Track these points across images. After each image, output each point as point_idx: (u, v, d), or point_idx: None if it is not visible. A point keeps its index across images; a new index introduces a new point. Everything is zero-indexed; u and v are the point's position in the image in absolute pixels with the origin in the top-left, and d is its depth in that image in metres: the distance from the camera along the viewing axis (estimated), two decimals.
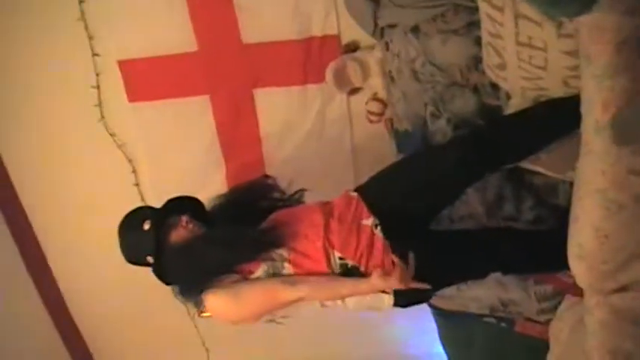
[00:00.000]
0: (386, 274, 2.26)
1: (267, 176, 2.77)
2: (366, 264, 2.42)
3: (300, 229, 2.43)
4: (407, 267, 2.25)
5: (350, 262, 2.42)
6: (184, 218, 2.45)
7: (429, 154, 2.73)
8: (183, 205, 2.58)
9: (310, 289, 2.39)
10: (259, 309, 2.43)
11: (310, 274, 2.43)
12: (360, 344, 4.11)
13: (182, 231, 2.44)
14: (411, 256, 2.28)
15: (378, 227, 2.44)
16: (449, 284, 2.76)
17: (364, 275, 2.40)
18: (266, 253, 2.39)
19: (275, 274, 2.40)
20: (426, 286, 2.33)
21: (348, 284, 2.39)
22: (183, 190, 2.61)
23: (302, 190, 2.74)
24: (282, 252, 2.40)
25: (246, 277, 2.38)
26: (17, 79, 3.60)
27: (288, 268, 2.42)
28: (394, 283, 2.25)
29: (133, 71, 3.55)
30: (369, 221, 2.46)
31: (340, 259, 2.42)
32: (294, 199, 2.72)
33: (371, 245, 2.42)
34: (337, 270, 2.42)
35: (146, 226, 2.40)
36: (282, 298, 2.39)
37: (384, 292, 2.45)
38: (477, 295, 2.95)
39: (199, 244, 2.42)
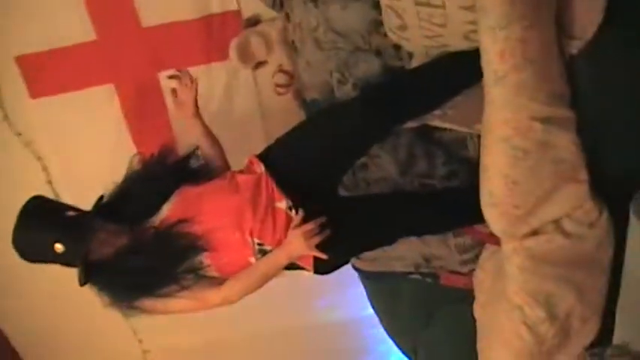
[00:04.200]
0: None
1: (163, 150, 2.65)
2: None
3: (211, 223, 2.37)
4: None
5: (269, 247, 2.42)
6: (102, 235, 2.33)
7: (332, 110, 2.73)
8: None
9: (235, 286, 2.39)
10: (190, 312, 2.45)
11: (235, 266, 2.42)
12: (290, 314, 4.15)
13: (105, 247, 2.33)
14: (300, 213, 2.38)
15: (293, 210, 2.45)
16: (363, 250, 2.83)
17: None
18: (186, 269, 2.34)
19: (202, 278, 2.38)
20: (323, 255, 2.37)
21: (266, 263, 2.41)
22: (97, 183, 2.54)
23: (196, 154, 2.69)
24: (200, 258, 2.37)
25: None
26: None
27: (212, 271, 2.40)
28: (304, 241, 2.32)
29: (32, 66, 3.44)
30: (282, 204, 2.45)
31: (259, 244, 2.41)
32: (194, 170, 2.66)
33: (288, 228, 2.41)
34: (258, 256, 2.42)
35: (59, 247, 2.23)
36: (211, 303, 2.40)
37: (303, 268, 2.49)
38: (400, 254, 3.00)
39: (125, 266, 2.33)
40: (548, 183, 2.07)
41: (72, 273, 2.32)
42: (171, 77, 2.64)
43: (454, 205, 2.66)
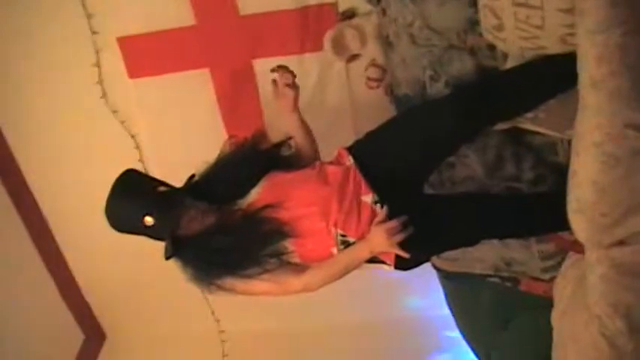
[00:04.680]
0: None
1: (256, 136, 2.75)
2: None
3: (298, 210, 2.44)
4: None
5: (352, 239, 2.45)
6: (192, 212, 2.42)
7: (424, 108, 2.74)
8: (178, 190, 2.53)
9: (316, 275, 2.44)
10: (272, 296, 2.51)
11: (317, 255, 2.47)
12: (365, 309, 4.18)
13: (194, 224, 2.42)
14: (385, 209, 2.41)
15: (378, 204, 2.47)
16: (446, 249, 2.82)
17: None
18: (270, 253, 2.41)
19: (285, 263, 2.44)
20: (404, 254, 2.39)
21: (348, 255, 2.44)
22: (186, 164, 2.62)
23: (288, 143, 2.75)
24: (285, 244, 2.42)
25: None
26: (17, 59, 3.62)
27: (295, 257, 2.46)
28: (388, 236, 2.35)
29: (133, 47, 3.56)
30: (368, 198, 2.48)
31: (342, 236, 2.44)
32: (285, 158, 2.72)
33: (372, 222, 2.44)
34: (340, 247, 2.45)
35: (149, 220, 2.32)
36: (291, 289, 2.45)
37: (383, 262, 2.51)
38: (481, 256, 2.98)
39: (214, 242, 2.42)
40: (638, 193, 2.02)
41: (158, 246, 2.41)
42: (273, 70, 2.68)
43: (540, 210, 2.63)
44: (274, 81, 2.68)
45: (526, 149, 2.76)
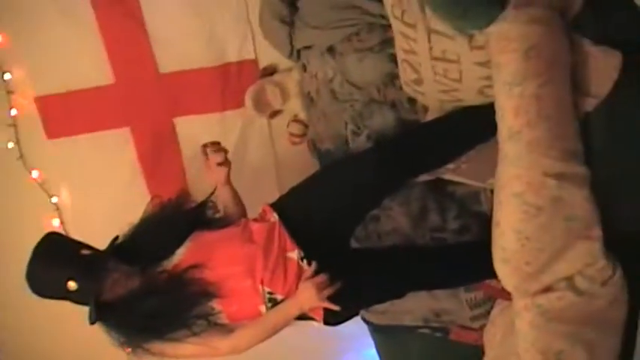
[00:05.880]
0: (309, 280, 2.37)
1: (180, 196, 2.69)
2: None
3: (223, 270, 2.40)
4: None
5: (279, 297, 2.42)
6: (116, 276, 2.33)
7: (347, 162, 2.75)
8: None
9: (245, 335, 2.40)
10: (199, 359, 2.47)
11: (245, 314, 2.43)
12: None
13: (118, 287, 2.33)
14: (313, 265, 2.40)
15: (305, 260, 2.45)
16: (374, 303, 2.81)
17: None
18: (197, 315, 2.36)
19: (213, 325, 2.39)
20: (335, 307, 2.38)
21: (277, 313, 2.41)
22: (108, 225, 2.55)
23: (212, 201, 2.72)
24: (212, 304, 2.38)
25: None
26: None
27: (223, 318, 2.41)
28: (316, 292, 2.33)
29: (51, 107, 3.50)
30: (294, 254, 2.47)
31: (269, 293, 2.41)
32: (209, 217, 2.68)
33: (299, 279, 2.42)
34: (268, 305, 2.42)
35: (72, 284, 2.24)
36: (220, 350, 2.39)
37: (312, 319, 2.48)
38: (410, 308, 2.96)
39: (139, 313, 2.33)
40: (560, 240, 2.05)
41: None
42: (205, 146, 2.68)
43: (466, 260, 2.64)
44: (204, 149, 2.68)
45: (449, 199, 2.79)
